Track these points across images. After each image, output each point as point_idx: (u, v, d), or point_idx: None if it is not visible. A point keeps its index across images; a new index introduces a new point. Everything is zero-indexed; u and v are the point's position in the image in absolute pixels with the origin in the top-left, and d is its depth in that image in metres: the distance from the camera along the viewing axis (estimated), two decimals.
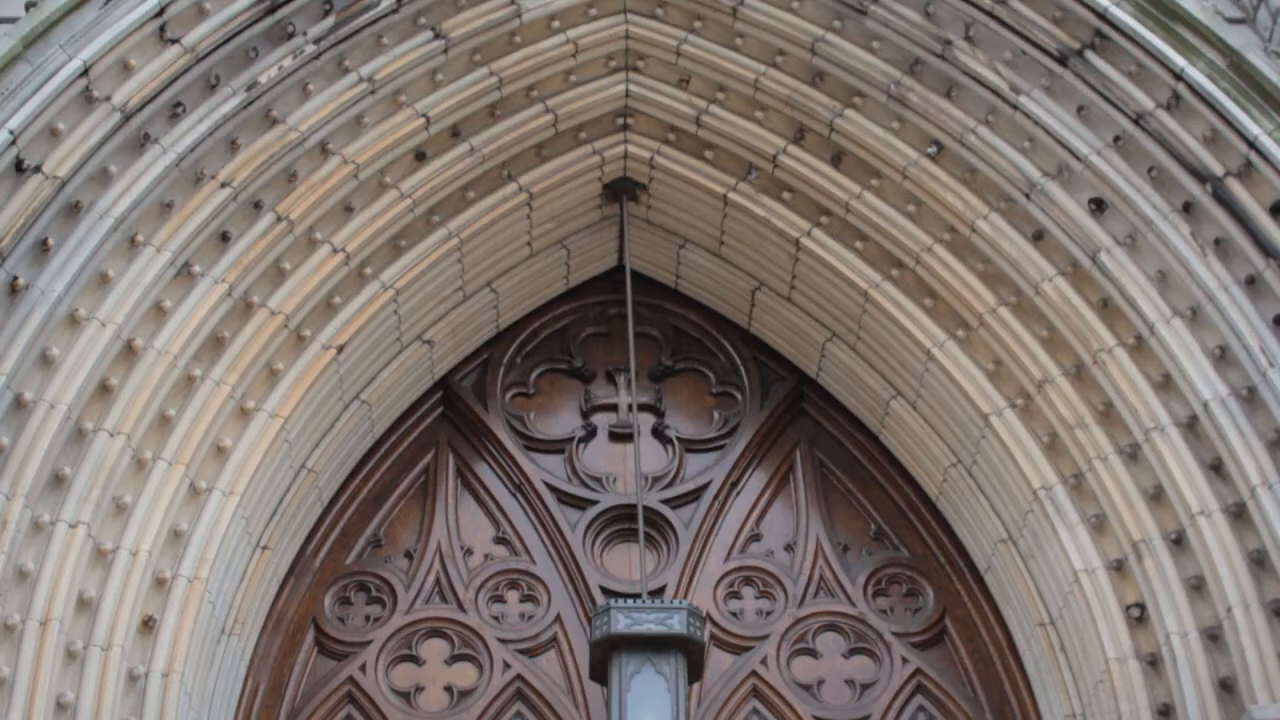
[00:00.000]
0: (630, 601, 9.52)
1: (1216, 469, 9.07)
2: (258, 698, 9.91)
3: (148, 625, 8.93)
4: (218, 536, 9.33)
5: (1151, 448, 9.29)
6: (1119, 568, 9.41)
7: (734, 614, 10.44)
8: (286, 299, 9.73)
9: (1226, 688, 8.77)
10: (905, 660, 10.28)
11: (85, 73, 8.92)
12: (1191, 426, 9.19)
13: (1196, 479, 9.10)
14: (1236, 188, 9.20)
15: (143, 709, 8.80)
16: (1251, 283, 9.10)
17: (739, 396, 11.12)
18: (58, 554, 8.62)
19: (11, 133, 8.59)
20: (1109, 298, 9.55)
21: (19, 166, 8.71)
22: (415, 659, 10.20)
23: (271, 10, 9.53)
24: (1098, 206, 9.62)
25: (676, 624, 9.33)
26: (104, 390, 8.96)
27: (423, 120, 10.11)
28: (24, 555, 8.51)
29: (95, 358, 8.88)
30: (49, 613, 8.50)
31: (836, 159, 10.36)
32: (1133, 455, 9.42)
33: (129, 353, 9.09)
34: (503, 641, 10.26)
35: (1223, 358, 9.11)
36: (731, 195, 10.68)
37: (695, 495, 10.77)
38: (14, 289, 8.64)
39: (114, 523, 8.94)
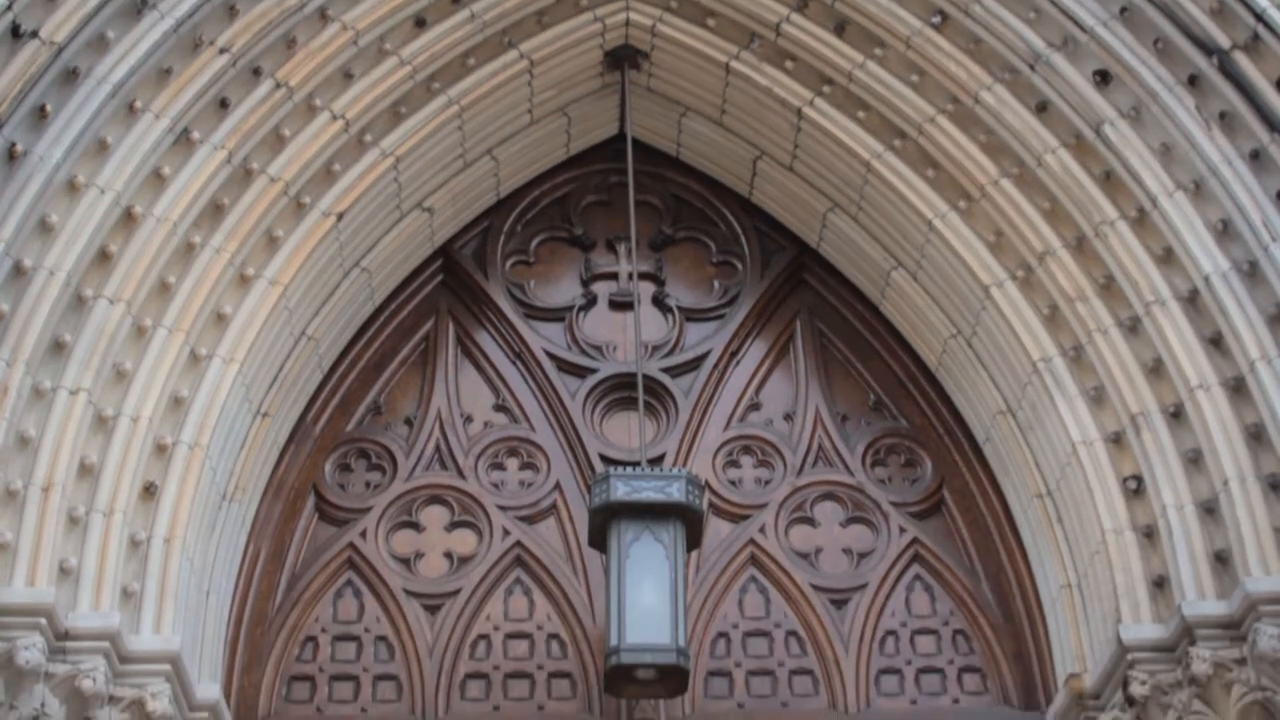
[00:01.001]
0: (629, 469, 9.56)
1: (1216, 343, 9.08)
2: (259, 563, 9.99)
3: (149, 491, 8.98)
4: (218, 403, 9.35)
5: (1151, 321, 9.29)
6: (1117, 440, 9.44)
7: (733, 483, 10.49)
8: (286, 166, 9.67)
9: (1221, 560, 8.83)
10: (903, 530, 10.35)
11: None
12: (1192, 300, 9.18)
13: (1196, 353, 9.11)
14: (1243, 61, 9.13)
15: (145, 574, 8.86)
16: (1256, 157, 9.06)
17: (739, 266, 11.10)
18: (59, 420, 8.64)
19: None
20: (1112, 170, 9.50)
21: (15, 31, 8.63)
22: (415, 525, 10.28)
23: None
24: (1102, 79, 9.54)
25: (675, 492, 9.37)
26: (103, 257, 8.93)
27: None
28: (25, 421, 8.54)
29: (94, 225, 8.84)
30: (51, 478, 8.54)
31: (840, 28, 10.25)
32: (1132, 328, 9.42)
33: (128, 220, 9.05)
34: (502, 508, 10.33)
35: (1225, 232, 9.08)
36: (733, 64, 10.58)
37: (695, 364, 10.79)
38: (12, 155, 8.59)
39: (114, 389, 8.95)
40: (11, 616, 8.14)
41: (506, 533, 10.25)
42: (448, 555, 10.21)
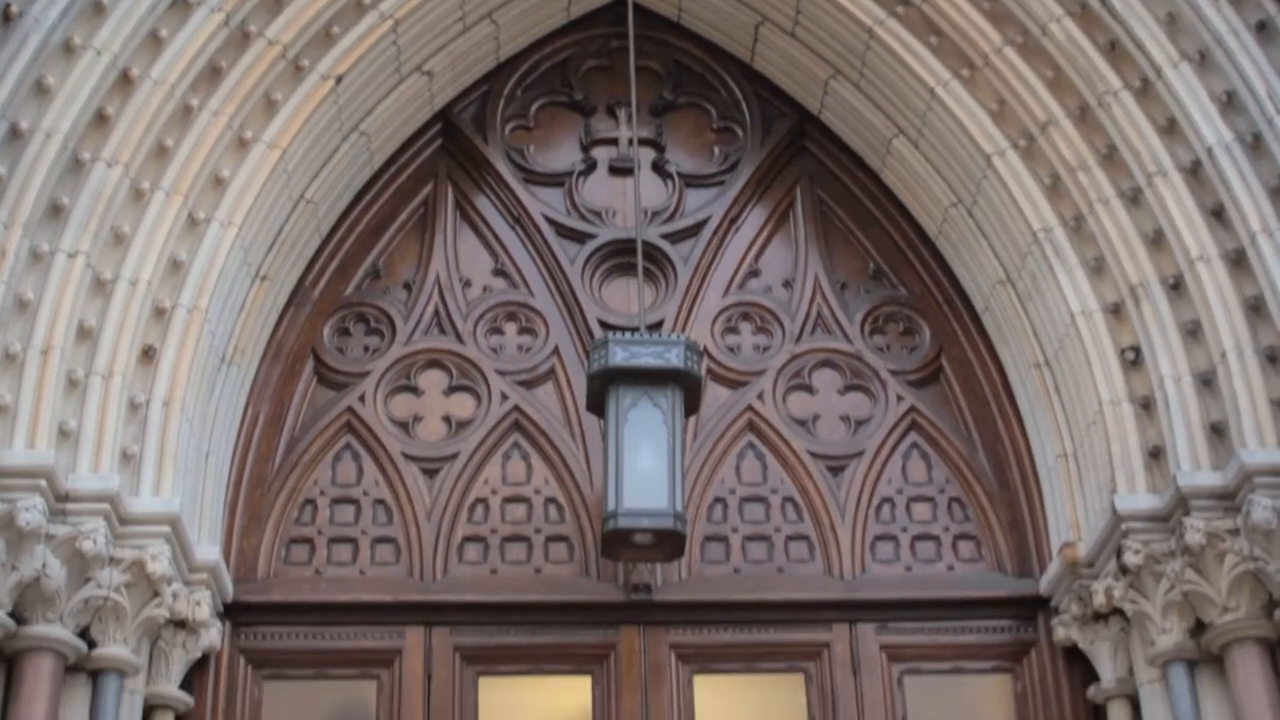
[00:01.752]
0: (628, 335, 9.55)
1: (1217, 215, 9.05)
2: (258, 426, 10.02)
3: (148, 354, 8.99)
4: (217, 267, 9.34)
5: (1153, 192, 9.25)
6: (1116, 311, 9.44)
7: (731, 349, 10.50)
8: (284, 28, 9.56)
9: (1217, 432, 8.87)
10: (900, 398, 10.38)
11: None
12: (1194, 172, 9.13)
13: (1197, 224, 9.08)
14: None
15: (144, 436, 8.90)
16: (1262, 28, 8.97)
17: (740, 132, 11.02)
18: (57, 283, 8.63)
19: None
20: (1116, 40, 9.41)
21: None
22: (414, 389, 10.30)
23: None
24: None
25: (674, 358, 9.38)
26: (100, 120, 8.87)
27: None
28: (23, 284, 8.52)
29: (91, 87, 8.76)
30: (50, 341, 8.54)
31: None
32: (1134, 199, 9.38)
33: (125, 82, 8.97)
34: (500, 373, 10.35)
35: (1229, 103, 9.02)
36: None
37: (694, 230, 10.75)
38: (7, 16, 8.49)
39: (113, 252, 8.93)
40: (12, 478, 8.18)
41: (505, 397, 10.28)
42: (446, 419, 10.24)
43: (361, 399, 10.20)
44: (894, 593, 9.88)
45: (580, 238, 10.70)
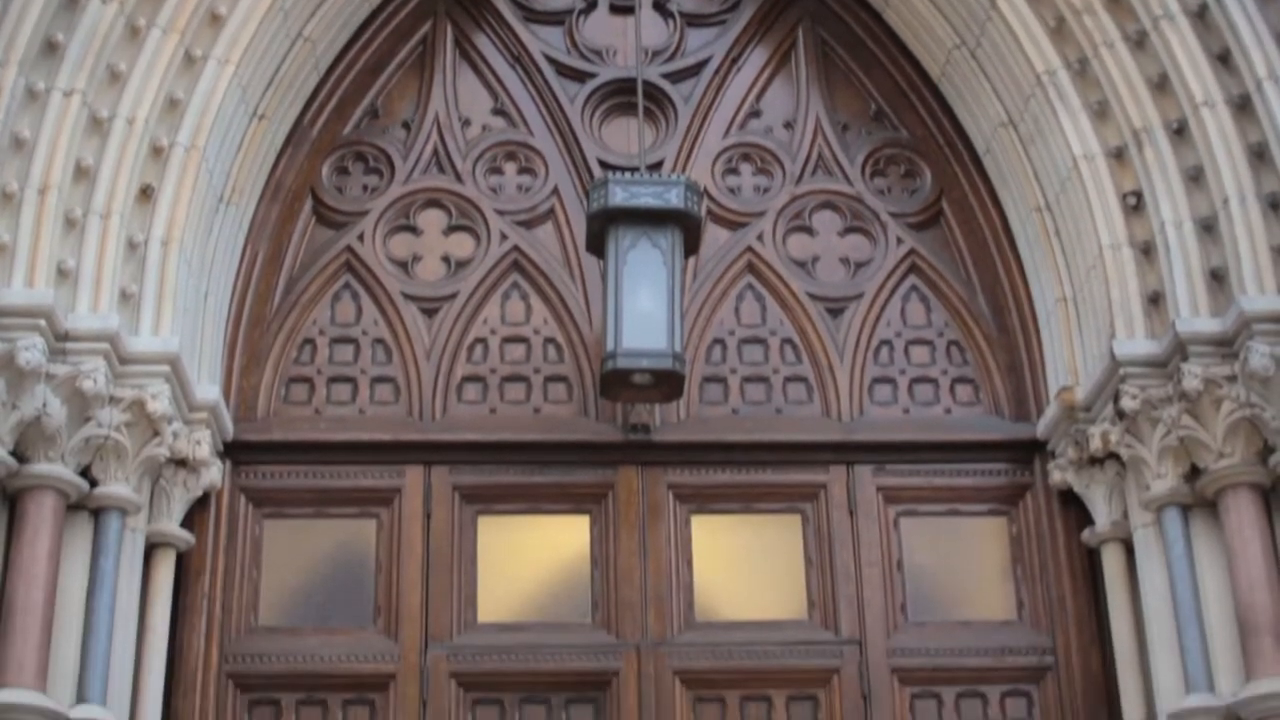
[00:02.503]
0: (628, 175, 9.54)
1: (1223, 60, 8.96)
2: (256, 265, 9.99)
3: (146, 193, 8.96)
4: (214, 105, 9.26)
5: (1159, 35, 9.14)
6: (1118, 155, 9.38)
7: (731, 190, 10.45)
8: None
9: (1217, 278, 8.86)
10: (900, 240, 10.35)
11: None
12: (1201, 15, 9.03)
13: (1202, 69, 8.99)
14: None
15: (143, 275, 8.90)
16: None
17: None
18: (53, 121, 8.58)
19: None
20: None
21: None
22: (413, 229, 10.27)
23: None
24: None
25: (674, 198, 9.36)
26: None
27: None
28: (19, 123, 8.47)
29: None
30: (47, 180, 8.51)
31: None
32: (1139, 42, 9.28)
33: None
34: (500, 213, 10.31)
35: None
36: None
37: (695, 70, 10.64)
38: None
39: (109, 91, 8.86)
40: (11, 318, 8.20)
41: (504, 237, 10.25)
42: (445, 259, 10.22)
43: (360, 238, 10.17)
44: (891, 435, 9.92)
45: (580, 77, 10.60)
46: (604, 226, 9.39)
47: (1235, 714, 8.40)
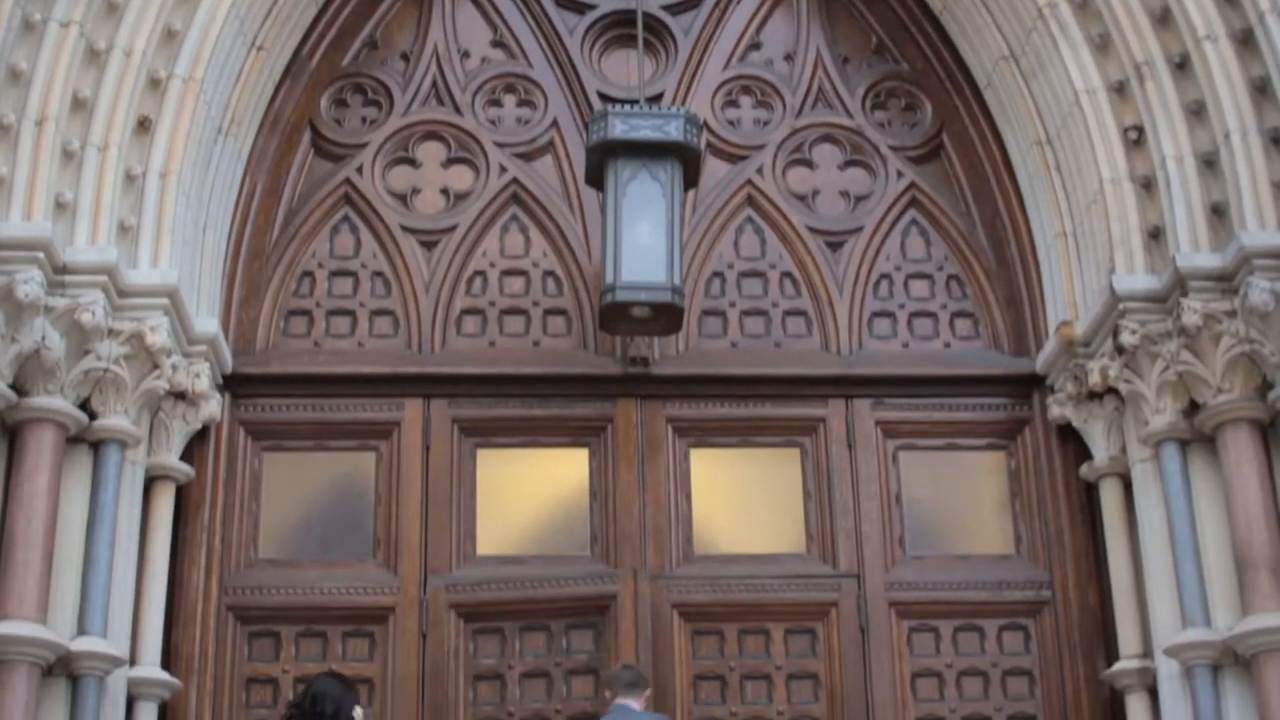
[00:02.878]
0: (627, 107, 9.50)
1: None
2: (255, 198, 9.97)
3: (144, 126, 8.94)
4: (212, 36, 9.22)
5: None
6: (1120, 89, 9.33)
7: (731, 123, 10.41)
8: None
9: (1218, 213, 8.84)
10: (900, 174, 10.33)
11: None
12: None
13: (1205, 2, 8.93)
14: None
15: (141, 208, 8.89)
16: None
17: None
18: (51, 53, 8.55)
19: None
20: None
21: None
22: (412, 161, 10.24)
23: None
24: None
25: (673, 131, 9.34)
26: None
27: None
28: (16, 54, 8.43)
29: None
30: (44, 112, 8.49)
31: None
32: None
33: None
34: (499, 145, 10.27)
35: None
36: None
37: (695, 1, 10.58)
38: None
39: (106, 22, 8.82)
40: (9, 250, 8.20)
41: (503, 169, 10.22)
42: (444, 191, 10.20)
43: (359, 171, 10.14)
44: (890, 369, 9.93)
45: (579, 9, 10.53)
46: (603, 159, 9.37)
47: (1231, 648, 8.44)
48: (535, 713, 9.15)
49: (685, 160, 9.41)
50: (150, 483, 9.01)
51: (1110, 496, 9.35)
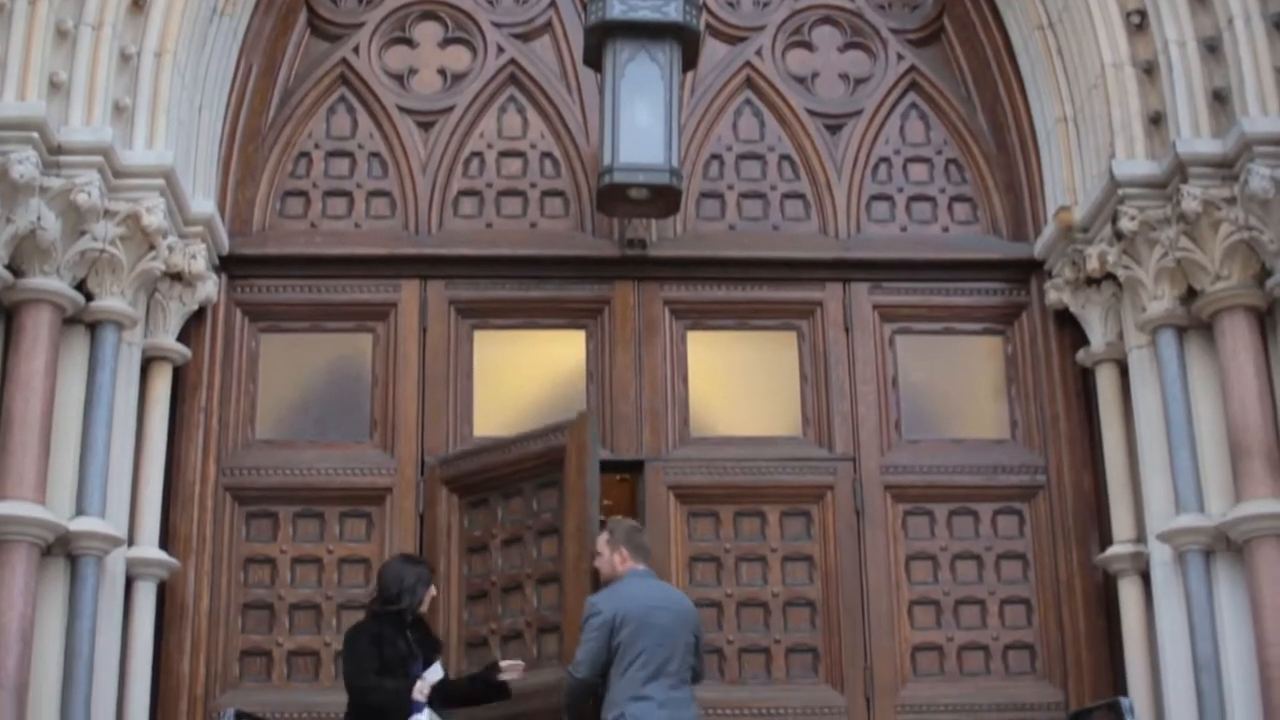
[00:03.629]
0: None
1: None
2: (251, 78, 9.88)
3: (138, 4, 8.86)
4: None
5: None
6: None
7: (730, 3, 10.35)
8: None
9: (1219, 99, 8.78)
10: (900, 57, 10.26)
11: None
12: None
13: None
14: None
15: (136, 88, 8.84)
16: None
17: None
18: None
19: None
20: None
21: None
22: (409, 41, 10.18)
23: None
24: None
25: (672, 11, 9.27)
26: None
27: None
28: None
29: None
30: None
31: None
32: None
33: None
34: (496, 25, 10.21)
35: None
36: None
37: None
38: None
39: None
40: (3, 130, 8.14)
41: (501, 50, 10.15)
42: (441, 72, 10.13)
43: (356, 50, 10.07)
44: (888, 253, 9.92)
45: None
46: (602, 40, 9.29)
47: (1224, 534, 8.49)
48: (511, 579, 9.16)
49: (684, 41, 9.33)
50: (147, 364, 9.02)
51: (1106, 382, 9.37)
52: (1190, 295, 8.86)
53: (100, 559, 8.34)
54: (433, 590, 8.02)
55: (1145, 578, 8.98)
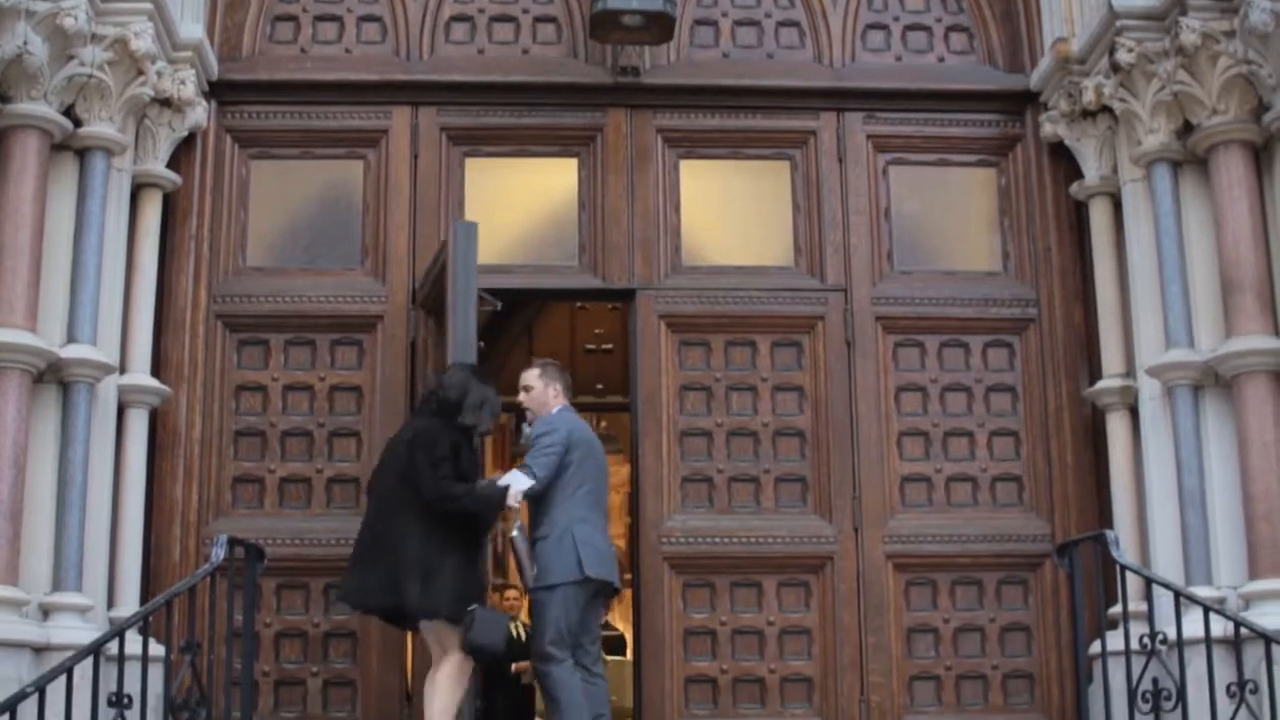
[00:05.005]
0: None
1: None
2: None
3: None
4: None
5: None
6: None
7: None
8: None
9: None
10: None
11: None
12: None
13: None
14: None
15: None
16: None
17: None
18: None
19: None
20: None
21: None
22: None
23: None
24: None
25: None
26: None
27: None
28: None
29: None
30: None
31: None
32: None
33: None
34: None
35: None
36: None
37: None
38: None
39: None
40: None
41: None
42: None
43: None
44: (883, 82, 9.84)
45: None
46: None
47: (1213, 369, 8.53)
48: None
49: None
50: (137, 191, 8.97)
51: (1099, 215, 9.36)
52: (1186, 129, 8.81)
53: (92, 386, 8.36)
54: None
55: (1133, 412, 9.04)
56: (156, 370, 9.00)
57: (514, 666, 11.58)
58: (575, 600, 7.94)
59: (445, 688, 7.69)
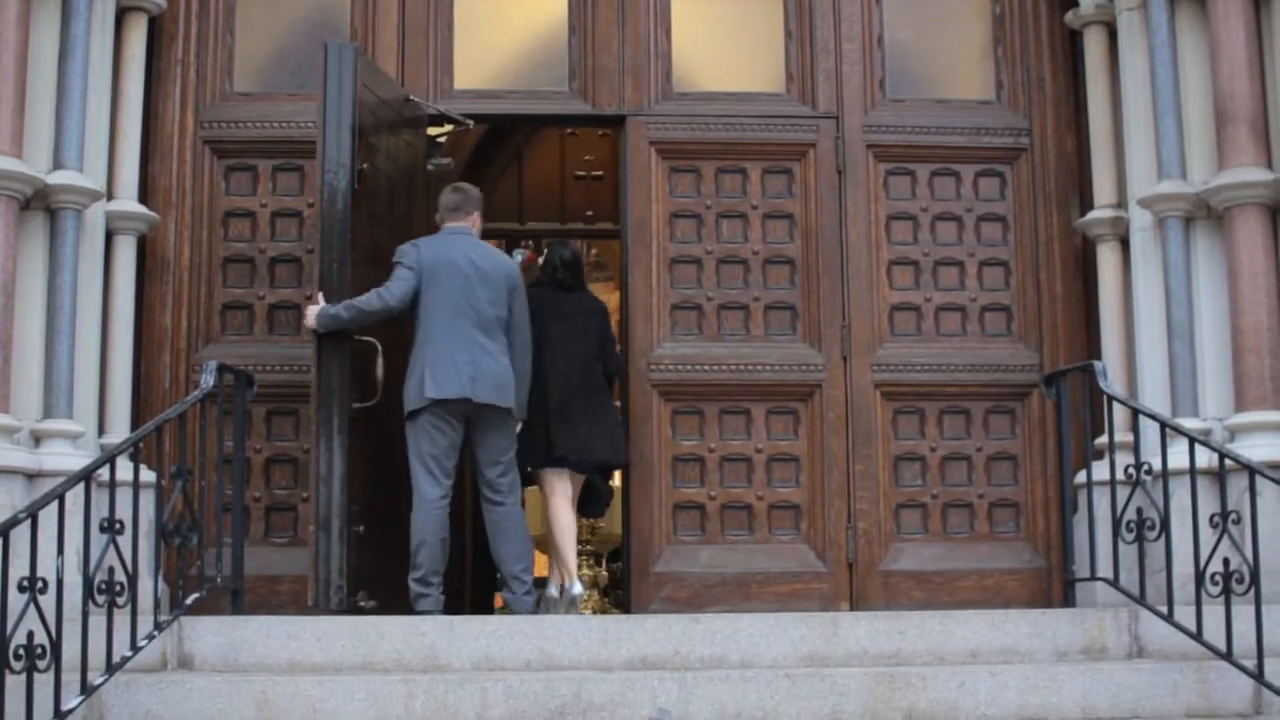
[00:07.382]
0: None
1: None
2: None
3: None
4: None
5: None
6: None
7: None
8: None
9: None
10: None
11: None
12: None
13: None
14: None
15: None
16: None
17: None
18: None
19: None
20: None
21: None
22: None
23: None
24: None
25: None
26: None
27: None
28: None
29: None
30: None
31: None
32: None
33: None
34: None
35: None
36: None
37: None
38: None
39: None
40: None
41: None
42: None
43: None
44: None
45: None
46: None
47: (1205, 201, 8.52)
48: None
49: None
50: (122, 15, 8.83)
51: (1094, 44, 9.26)
52: None
53: (79, 213, 8.33)
54: None
55: (1124, 243, 9.02)
56: (144, 197, 8.95)
57: None
58: (433, 425, 8.25)
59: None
